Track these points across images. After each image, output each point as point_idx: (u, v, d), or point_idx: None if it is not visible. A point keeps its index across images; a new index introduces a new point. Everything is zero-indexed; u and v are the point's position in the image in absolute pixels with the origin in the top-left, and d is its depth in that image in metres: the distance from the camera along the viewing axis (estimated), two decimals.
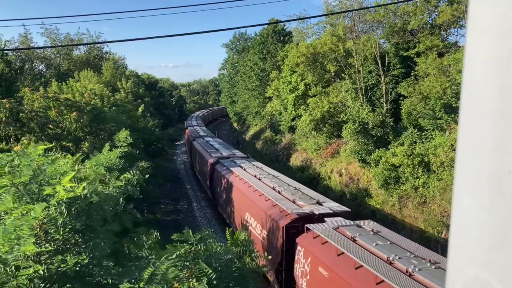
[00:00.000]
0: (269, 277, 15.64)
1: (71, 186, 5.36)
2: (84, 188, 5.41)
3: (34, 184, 5.57)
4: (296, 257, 12.82)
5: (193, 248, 5.55)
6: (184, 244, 5.61)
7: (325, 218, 13.04)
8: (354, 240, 10.91)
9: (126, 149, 7.11)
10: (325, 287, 10.66)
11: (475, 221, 0.81)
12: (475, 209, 0.81)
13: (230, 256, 5.79)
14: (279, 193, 16.68)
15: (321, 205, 14.84)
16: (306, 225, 12.56)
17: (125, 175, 6.36)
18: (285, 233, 13.68)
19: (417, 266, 8.93)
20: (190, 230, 5.97)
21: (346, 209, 14.44)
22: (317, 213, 13.76)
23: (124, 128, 8.43)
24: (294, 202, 15.24)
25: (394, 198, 22.49)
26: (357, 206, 23.68)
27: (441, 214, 19.69)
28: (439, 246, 17.90)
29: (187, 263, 5.41)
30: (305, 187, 18.05)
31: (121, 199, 5.81)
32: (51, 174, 5.88)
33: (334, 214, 13.68)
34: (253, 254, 6.43)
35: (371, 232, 11.50)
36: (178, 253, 5.32)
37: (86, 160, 7.31)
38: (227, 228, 7.56)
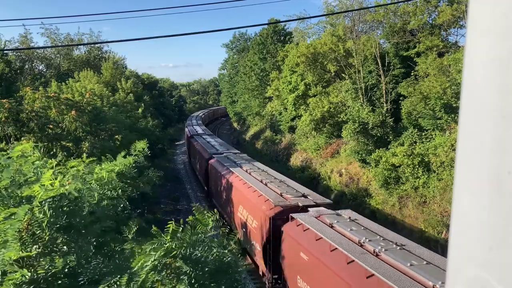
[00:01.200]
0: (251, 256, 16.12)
1: (51, 184, 5.26)
2: (63, 185, 5.28)
3: (16, 186, 5.52)
4: None
5: (167, 247, 5.46)
6: (160, 246, 5.49)
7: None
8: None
9: (138, 158, 7.17)
10: None
11: (475, 221, 0.81)
12: (475, 209, 0.81)
13: (208, 245, 5.76)
14: None
15: None
16: None
17: (104, 166, 6.25)
18: None
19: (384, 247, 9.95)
20: (159, 231, 5.91)
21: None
22: None
23: (123, 128, 8.47)
24: None
25: (394, 198, 22.49)
26: (357, 206, 23.68)
27: (441, 214, 19.69)
28: (439, 246, 17.89)
29: (166, 260, 5.37)
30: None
31: (96, 195, 5.74)
32: (27, 173, 5.82)
33: None
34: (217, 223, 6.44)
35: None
36: (153, 259, 5.22)
37: (98, 165, 7.31)
38: (188, 217, 6.83)
